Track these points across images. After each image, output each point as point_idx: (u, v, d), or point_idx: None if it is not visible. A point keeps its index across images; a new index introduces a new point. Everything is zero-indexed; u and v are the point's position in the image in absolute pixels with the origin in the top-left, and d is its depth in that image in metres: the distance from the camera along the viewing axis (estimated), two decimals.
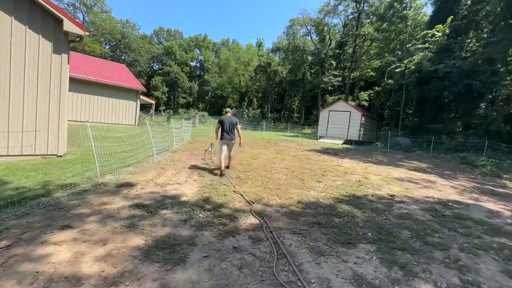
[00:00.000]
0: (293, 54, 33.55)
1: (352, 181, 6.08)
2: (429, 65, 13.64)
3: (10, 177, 4.27)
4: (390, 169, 8.22)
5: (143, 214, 3.33)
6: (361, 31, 24.87)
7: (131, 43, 47.24)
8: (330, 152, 11.70)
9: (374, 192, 5.29)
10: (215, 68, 54.08)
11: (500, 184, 7.45)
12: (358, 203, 4.50)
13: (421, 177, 7.23)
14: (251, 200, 4.22)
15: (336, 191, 5.12)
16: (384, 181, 6.28)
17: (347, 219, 3.75)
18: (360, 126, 17.25)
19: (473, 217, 4.22)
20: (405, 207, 4.46)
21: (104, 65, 18.86)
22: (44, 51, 5.75)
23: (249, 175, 5.87)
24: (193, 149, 9.21)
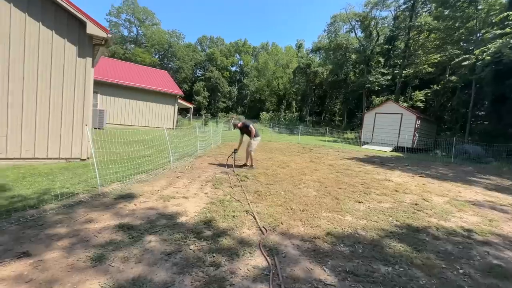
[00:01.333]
0: (334, 53, 31.37)
1: (405, 203, 4.66)
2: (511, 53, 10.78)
3: (17, 182, 4.14)
4: (458, 187, 6.36)
5: (123, 240, 2.69)
6: (416, 22, 21.72)
7: (176, 52, 50.48)
8: (376, 161, 9.98)
9: (439, 222, 3.84)
10: (253, 72, 54.33)
11: None
12: (416, 240, 3.20)
13: (508, 202, 5.31)
14: (264, 226, 3.29)
15: (383, 219, 3.84)
16: (452, 206, 4.68)
17: (400, 269, 2.55)
18: (414, 130, 14.75)
19: None
20: (494, 254, 3.00)
21: (147, 72, 20.01)
22: (69, 55, 5.77)
23: (271, 189, 4.93)
24: (218, 155, 8.64)
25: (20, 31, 5.25)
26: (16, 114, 5.35)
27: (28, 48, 5.35)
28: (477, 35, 15.07)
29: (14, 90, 5.30)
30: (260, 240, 2.91)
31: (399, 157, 12.35)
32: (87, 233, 2.80)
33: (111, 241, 2.65)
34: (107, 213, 3.35)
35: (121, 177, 4.93)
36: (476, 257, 2.89)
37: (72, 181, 4.45)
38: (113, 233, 2.83)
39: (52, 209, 3.32)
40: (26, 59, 5.36)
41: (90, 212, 3.35)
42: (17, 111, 5.35)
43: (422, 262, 2.70)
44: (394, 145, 14.94)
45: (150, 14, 51.66)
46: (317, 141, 18.34)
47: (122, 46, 47.35)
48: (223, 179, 5.43)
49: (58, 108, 5.75)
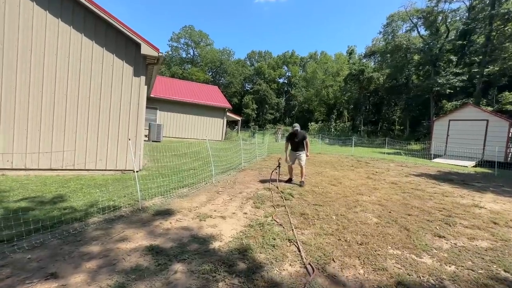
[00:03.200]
0: (392, 55, 28.37)
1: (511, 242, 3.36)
2: None
3: (74, 193, 4.46)
4: None
5: (149, 267, 2.42)
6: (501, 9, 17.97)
7: (227, 68, 53.59)
8: (455, 179, 8.10)
9: None
10: (301, 83, 53.51)
11: None
12: None
13: None
14: (311, 263, 2.65)
15: (481, 266, 2.76)
16: None
17: None
18: (507, 140, 11.75)
19: None
20: None
21: (199, 88, 21.44)
22: (126, 75, 6.28)
23: (319, 212, 4.22)
24: (263, 168, 8.24)
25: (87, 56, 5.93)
26: (82, 131, 5.98)
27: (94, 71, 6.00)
28: None
29: (82, 110, 5.96)
30: (305, 283, 2.29)
31: (486, 173, 9.86)
32: (117, 254, 2.64)
33: (137, 267, 2.41)
34: (142, 231, 3.21)
35: (164, 191, 4.92)
36: None
37: (120, 193, 4.60)
38: (142, 257, 2.60)
39: (94, 223, 3.35)
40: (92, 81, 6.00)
41: (126, 228, 3.26)
42: (82, 129, 5.98)
43: None
44: (478, 158, 12.12)
45: (204, 36, 56.56)
46: (374, 153, 16.37)
47: (181, 67, 52.75)
48: (265, 197, 4.95)
49: (116, 124, 6.24)
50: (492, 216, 4.36)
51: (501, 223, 4.06)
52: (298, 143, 6.09)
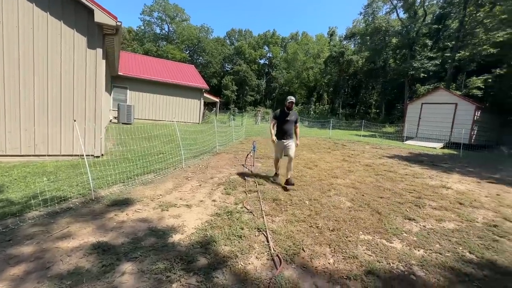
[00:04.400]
0: (372, 37, 28.41)
1: (478, 223, 3.43)
2: None
3: (15, 183, 3.87)
4: None
5: (90, 269, 2.08)
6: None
7: (205, 47, 50.91)
8: (425, 160, 8.40)
9: None
10: (282, 64, 52.57)
11: None
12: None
13: None
14: (279, 254, 2.45)
15: (449, 248, 2.74)
16: None
17: None
18: (472, 123, 12.40)
19: None
20: None
21: (174, 67, 20.09)
22: (79, 47, 5.46)
23: (293, 197, 4.05)
24: (239, 151, 7.94)
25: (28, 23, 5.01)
26: (28, 111, 5.20)
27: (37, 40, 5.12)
28: None
29: (26, 84, 5.14)
30: (271, 278, 2.09)
31: (453, 155, 10.39)
32: (54, 255, 2.25)
33: (76, 271, 2.05)
34: (91, 225, 2.82)
35: (126, 177, 4.47)
36: None
37: (72, 182, 4.08)
38: (84, 257, 2.24)
39: (33, 218, 2.88)
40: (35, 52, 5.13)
41: (72, 223, 2.84)
42: (28, 109, 5.20)
43: None
44: (446, 140, 12.75)
45: (180, 10, 52.64)
46: (351, 135, 16.69)
47: (155, 43, 49.16)
48: (237, 182, 4.68)
49: (69, 103, 5.50)
50: (458, 197, 4.48)
51: (466, 203, 4.17)
52: (289, 126, 4.55)
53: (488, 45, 17.83)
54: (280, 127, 4.59)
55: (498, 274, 2.35)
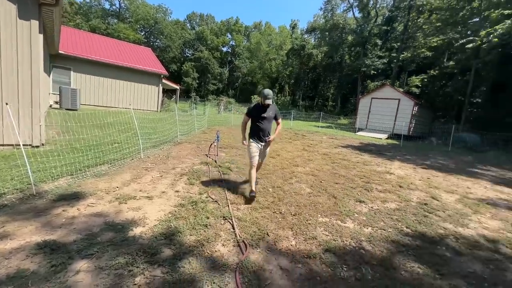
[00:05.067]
0: (330, 33, 29.90)
1: (413, 203, 4.00)
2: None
3: None
4: (465, 181, 5.79)
5: (37, 271, 1.87)
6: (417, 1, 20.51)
7: (163, 29, 47.34)
8: (373, 149, 9.36)
9: (457, 230, 3.20)
10: (246, 53, 52.08)
11: None
12: (436, 257, 2.54)
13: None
14: (245, 240, 2.53)
15: (390, 225, 3.16)
16: (466, 206, 4.06)
17: None
18: (411, 117, 14.17)
19: None
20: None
21: (128, 48, 18.32)
22: (7, 16, 4.57)
23: (257, 185, 4.15)
24: (201, 141, 7.76)
25: None
26: None
27: None
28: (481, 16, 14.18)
29: None
30: (238, 263, 2.15)
31: (395, 145, 11.80)
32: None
33: (18, 274, 1.82)
34: (33, 223, 2.50)
35: (75, 169, 4.02)
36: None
37: (5, 176, 3.52)
38: (28, 258, 1.99)
39: None
40: None
41: (9, 222, 2.48)
42: None
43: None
44: (390, 132, 14.39)
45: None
46: (310, 126, 17.62)
47: (104, 20, 43.81)
48: (201, 172, 4.60)
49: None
50: (398, 181, 5.15)
51: (405, 186, 4.83)
52: (266, 125, 3.54)
53: (425, 48, 20.31)
54: (256, 126, 3.54)
55: (427, 243, 2.81)
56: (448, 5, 15.80)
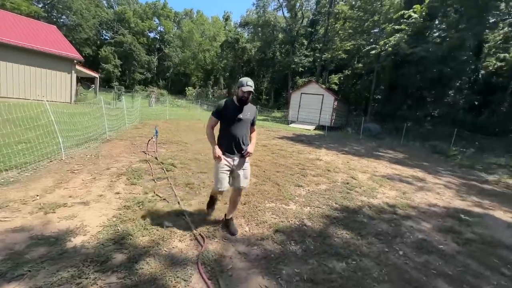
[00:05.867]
0: (263, 29, 31.16)
1: (338, 183, 4.82)
2: (406, 47, 12.96)
3: None
4: (373, 162, 7.24)
5: None
6: (335, 8, 23.54)
7: (70, 3, 39.39)
8: (304, 140, 10.51)
9: (370, 201, 4.07)
10: (176, 41, 48.79)
11: (480, 179, 6.98)
12: (357, 223, 3.20)
13: (408, 173, 6.35)
14: (201, 233, 2.60)
15: (324, 203, 3.76)
16: (374, 182, 5.15)
17: (353, 263, 2.39)
18: (332, 110, 16.41)
19: (500, 238, 3.23)
20: (417, 228, 3.29)
21: (24, 23, 14.60)
22: None
23: (205, 179, 4.20)
24: (136, 137, 7.11)
25: None
26: None
27: None
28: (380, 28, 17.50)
29: None
30: (198, 255, 2.22)
31: (321, 135, 13.52)
32: None
33: None
34: None
35: None
36: (406, 234, 3.08)
37: None
38: None
39: None
40: None
41: None
42: None
43: (369, 249, 2.65)
44: (316, 123, 16.33)
45: None
46: None
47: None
48: (142, 171, 4.30)
49: None
50: (326, 166, 6.04)
51: (331, 169, 5.71)
52: (243, 131, 2.55)
53: (341, 51, 23.61)
54: (227, 132, 2.50)
55: (350, 213, 3.49)
56: (357, 15, 18.77)
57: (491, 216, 4.01)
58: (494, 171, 8.09)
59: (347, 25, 21.76)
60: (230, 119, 2.49)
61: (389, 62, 15.06)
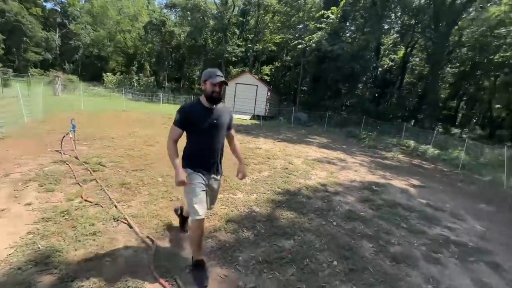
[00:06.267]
0: (192, 14, 29.34)
1: (278, 169, 5.19)
2: (327, 44, 14.62)
3: None
4: (304, 148, 8.07)
5: None
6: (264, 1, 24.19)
7: None
8: (242, 129, 10.74)
9: (306, 182, 4.57)
10: (86, 17, 40.87)
11: (382, 156, 8.74)
12: (298, 204, 3.57)
13: (333, 156, 7.37)
14: (149, 235, 2.40)
15: (268, 189, 4.01)
16: (308, 165, 5.77)
17: (299, 238, 2.69)
18: (266, 100, 17.20)
19: (398, 201, 4.17)
20: (344, 201, 3.91)
21: None
22: None
23: (143, 177, 3.84)
24: (42, 134, 5.79)
25: None
26: None
27: None
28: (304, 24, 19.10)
29: None
30: (149, 259, 2.06)
31: (257, 124, 14.06)
32: None
33: None
34: None
35: None
36: (337, 207, 3.63)
37: None
38: None
39: None
40: None
41: None
42: None
43: (310, 225, 3.02)
44: (252, 113, 16.84)
45: None
46: None
47: None
48: (59, 173, 3.58)
49: None
50: (266, 154, 6.39)
51: (271, 157, 6.09)
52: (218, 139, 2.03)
53: (271, 43, 24.72)
54: (199, 145, 1.97)
55: (291, 196, 3.85)
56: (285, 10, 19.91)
57: (391, 185, 5.12)
58: (390, 149, 10.26)
59: (276, 19, 22.82)
60: (200, 127, 1.89)
61: (313, 57, 16.75)
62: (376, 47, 17.55)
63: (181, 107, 1.95)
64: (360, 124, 14.41)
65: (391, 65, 22.15)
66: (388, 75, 22.04)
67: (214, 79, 1.88)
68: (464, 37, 18.85)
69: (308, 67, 19.35)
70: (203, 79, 1.93)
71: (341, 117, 16.65)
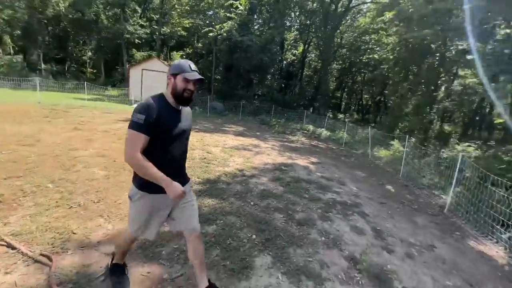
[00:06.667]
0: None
1: (197, 159, 5.18)
2: (237, 35, 14.97)
3: None
4: (221, 136, 8.26)
5: None
6: None
7: None
8: None
9: (225, 169, 4.79)
10: None
11: (289, 140, 10.03)
12: (218, 190, 3.75)
13: (248, 142, 7.89)
14: (44, 252, 2.01)
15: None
16: (226, 153, 6.00)
17: (220, 222, 2.87)
18: None
19: (302, 177, 4.99)
20: (259, 182, 4.36)
21: None
22: None
23: (24, 185, 3.06)
24: None
25: None
26: None
27: None
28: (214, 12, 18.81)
29: None
30: (46, 278, 1.75)
31: None
32: None
33: None
34: None
35: None
36: (253, 189, 4.02)
37: None
38: None
39: None
40: None
41: None
42: None
43: (231, 208, 3.25)
44: None
45: None
46: (70, 99, 14.00)
47: None
48: None
49: None
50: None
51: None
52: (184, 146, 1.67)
53: (180, 28, 23.19)
54: (165, 154, 1.48)
55: (212, 184, 3.97)
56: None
57: (296, 164, 6.03)
58: (295, 133, 11.87)
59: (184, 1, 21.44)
60: (170, 134, 1.48)
61: (225, 46, 16.85)
62: (281, 41, 19.38)
63: (145, 104, 1.39)
64: (271, 112, 15.85)
65: (293, 59, 25.11)
66: (292, 68, 24.94)
67: (189, 74, 1.48)
68: (344, 40, 23.42)
69: (221, 55, 19.39)
70: (174, 72, 1.50)
71: (254, 106, 17.74)
